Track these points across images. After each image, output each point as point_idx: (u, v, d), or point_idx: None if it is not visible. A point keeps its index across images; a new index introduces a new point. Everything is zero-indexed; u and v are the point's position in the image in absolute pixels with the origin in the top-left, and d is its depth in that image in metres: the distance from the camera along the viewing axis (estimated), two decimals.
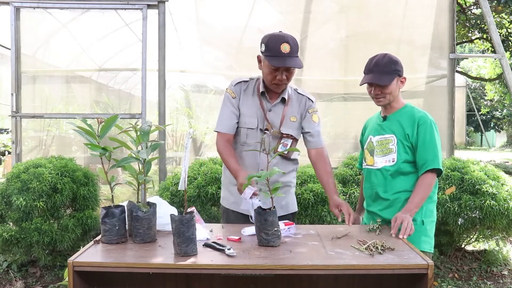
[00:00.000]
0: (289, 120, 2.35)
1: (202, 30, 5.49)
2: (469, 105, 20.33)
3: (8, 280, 3.60)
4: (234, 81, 2.39)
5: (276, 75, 2.21)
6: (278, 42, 2.14)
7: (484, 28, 8.92)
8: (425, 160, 2.16)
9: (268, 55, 2.17)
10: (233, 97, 2.34)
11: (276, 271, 1.61)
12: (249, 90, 2.37)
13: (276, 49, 2.14)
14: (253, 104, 2.34)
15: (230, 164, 2.25)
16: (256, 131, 2.32)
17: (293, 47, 2.17)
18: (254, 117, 2.32)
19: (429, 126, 2.19)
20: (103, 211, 1.86)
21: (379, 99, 2.25)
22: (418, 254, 1.72)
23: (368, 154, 2.37)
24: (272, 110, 2.34)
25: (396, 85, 2.23)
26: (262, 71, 2.28)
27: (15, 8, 4.22)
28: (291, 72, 2.23)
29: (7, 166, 7.67)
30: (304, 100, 2.41)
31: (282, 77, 2.21)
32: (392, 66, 2.21)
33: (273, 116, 2.33)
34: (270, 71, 2.21)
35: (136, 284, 1.96)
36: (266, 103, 2.34)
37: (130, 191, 4.68)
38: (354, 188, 3.73)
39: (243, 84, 2.38)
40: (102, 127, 1.82)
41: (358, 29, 5.19)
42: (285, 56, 2.14)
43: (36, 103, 5.09)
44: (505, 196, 3.56)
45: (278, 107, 2.35)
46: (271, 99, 2.35)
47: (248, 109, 2.33)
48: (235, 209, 2.38)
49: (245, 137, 2.34)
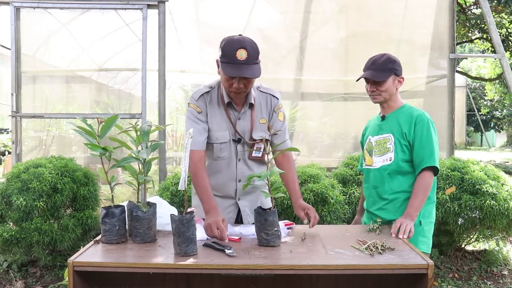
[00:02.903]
0: (259, 123, 2.22)
1: (202, 30, 5.49)
2: (469, 105, 20.33)
3: (8, 280, 3.60)
4: (196, 95, 2.20)
5: (232, 83, 2.03)
6: (234, 48, 1.96)
7: (484, 28, 8.93)
8: (421, 158, 2.18)
9: (223, 62, 2.00)
10: (198, 112, 2.16)
11: (276, 271, 1.61)
12: (213, 101, 2.19)
13: (231, 56, 1.96)
14: (221, 117, 2.19)
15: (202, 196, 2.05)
16: (228, 144, 2.20)
17: (251, 53, 1.97)
18: (224, 130, 2.18)
19: (426, 125, 2.20)
20: (103, 211, 1.86)
21: (375, 96, 2.28)
22: (418, 254, 1.72)
23: (367, 154, 2.38)
24: (240, 118, 2.20)
25: (392, 83, 2.25)
26: (220, 77, 2.12)
27: (15, 8, 4.22)
28: (249, 81, 2.05)
29: (7, 166, 7.67)
30: (269, 98, 2.27)
31: (239, 86, 2.03)
32: (389, 65, 2.23)
33: (243, 124, 2.20)
34: (226, 79, 2.04)
35: (136, 284, 1.96)
36: (233, 112, 2.19)
37: (130, 191, 4.68)
38: (354, 188, 3.73)
39: (206, 96, 2.19)
40: (102, 127, 1.82)
41: (358, 29, 5.19)
42: (241, 64, 1.96)
43: (36, 103, 5.09)
44: (505, 196, 3.56)
45: (246, 113, 2.20)
46: (237, 106, 2.19)
47: (217, 124, 2.18)
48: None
49: (218, 152, 2.20)
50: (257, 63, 2.02)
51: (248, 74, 1.99)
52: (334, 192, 3.51)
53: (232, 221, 2.26)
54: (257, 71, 2.01)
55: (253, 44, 2.02)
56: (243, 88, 2.06)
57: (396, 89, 2.28)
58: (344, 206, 3.55)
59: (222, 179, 2.23)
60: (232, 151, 2.21)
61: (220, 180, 2.24)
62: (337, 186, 3.67)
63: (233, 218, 2.28)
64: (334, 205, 3.41)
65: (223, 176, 2.23)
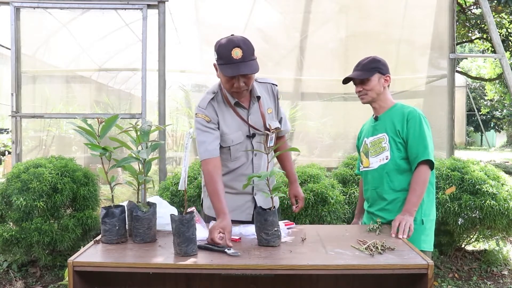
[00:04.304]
0: (268, 113, 2.27)
1: (202, 30, 5.48)
2: (469, 105, 20.33)
3: (8, 280, 3.60)
4: (203, 103, 2.20)
5: (233, 83, 2.06)
6: (228, 48, 1.99)
7: (484, 28, 8.93)
8: (416, 153, 2.19)
9: (220, 64, 2.03)
10: (207, 121, 2.17)
11: (276, 271, 1.61)
12: (221, 105, 2.21)
13: (227, 57, 1.99)
14: (232, 118, 2.21)
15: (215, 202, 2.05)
16: (243, 142, 2.23)
17: (246, 50, 2.00)
18: (237, 130, 2.21)
19: (418, 120, 2.21)
20: (103, 211, 1.86)
21: (362, 96, 2.32)
22: (418, 254, 1.72)
23: (364, 156, 2.40)
24: (251, 114, 2.23)
25: (378, 82, 2.28)
26: (220, 80, 2.16)
27: (15, 8, 4.22)
28: (249, 78, 2.07)
29: (7, 166, 7.67)
30: (270, 87, 2.33)
31: (240, 84, 2.06)
32: (372, 64, 2.28)
33: (254, 118, 2.24)
34: (227, 80, 2.07)
35: (136, 284, 1.96)
36: (242, 110, 2.22)
37: (130, 191, 4.68)
38: (354, 188, 3.73)
39: (212, 102, 2.20)
40: (102, 127, 1.82)
41: (358, 29, 5.19)
42: (238, 62, 1.99)
43: (36, 103, 5.09)
44: (505, 196, 3.56)
45: (254, 108, 2.24)
46: (244, 103, 2.22)
47: (230, 127, 2.21)
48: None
49: (235, 153, 2.23)
50: (254, 59, 2.04)
51: (247, 71, 2.01)
52: (334, 192, 3.51)
53: (250, 217, 2.25)
54: (255, 67, 2.04)
55: (246, 41, 2.03)
56: (245, 86, 2.09)
57: (383, 88, 2.30)
58: (344, 206, 3.55)
59: (238, 175, 2.25)
60: (248, 147, 2.24)
61: (236, 177, 2.26)
62: (337, 186, 3.67)
63: (250, 214, 2.27)
64: (334, 205, 3.41)
65: (240, 173, 2.26)
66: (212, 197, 2.07)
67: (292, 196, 2.45)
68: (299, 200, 2.44)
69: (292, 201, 2.45)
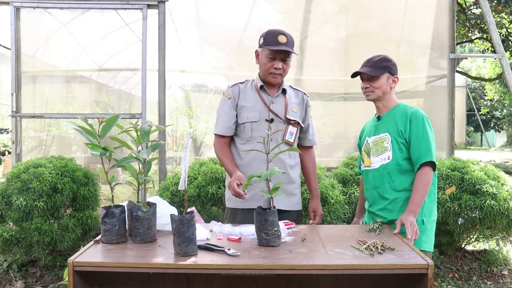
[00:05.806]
0: (292, 111, 2.42)
1: (202, 30, 5.49)
2: (469, 105, 20.34)
3: (8, 280, 3.60)
4: (231, 83, 2.47)
5: (273, 64, 2.31)
6: (276, 34, 2.30)
7: (484, 28, 8.93)
8: (419, 155, 2.19)
9: (266, 45, 2.30)
10: (228, 98, 2.42)
11: (276, 271, 1.61)
12: (247, 88, 2.45)
13: (274, 40, 2.29)
14: (254, 98, 2.40)
15: (226, 165, 2.35)
16: (259, 124, 2.36)
17: (290, 39, 2.31)
18: (255, 110, 2.37)
19: (421, 121, 2.21)
20: (103, 211, 1.86)
21: (368, 93, 2.32)
22: (418, 254, 1.72)
23: (365, 155, 2.39)
24: (274, 102, 2.40)
25: (386, 81, 2.27)
26: (260, 64, 2.39)
27: (15, 8, 4.22)
28: (287, 64, 2.34)
29: (7, 166, 7.66)
30: (301, 94, 2.53)
31: (278, 66, 2.31)
32: (383, 63, 2.27)
33: (276, 106, 2.40)
34: (268, 60, 2.31)
35: (136, 284, 1.96)
36: (266, 96, 2.41)
37: (130, 191, 4.68)
38: (354, 188, 3.73)
39: (240, 84, 2.46)
40: (103, 127, 1.82)
41: (358, 29, 5.19)
42: (283, 44, 2.28)
43: (36, 103, 5.09)
44: (505, 196, 3.56)
45: (279, 98, 2.42)
46: (270, 90, 2.42)
47: (249, 103, 2.39)
48: (244, 207, 2.34)
49: (250, 132, 2.37)
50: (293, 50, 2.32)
51: (290, 49, 2.29)
52: (334, 192, 3.51)
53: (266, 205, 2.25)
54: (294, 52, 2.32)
55: (290, 35, 2.34)
56: (281, 70, 2.33)
57: (390, 88, 2.30)
58: (344, 206, 3.55)
59: (253, 161, 2.33)
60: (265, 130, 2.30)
61: (252, 163, 2.34)
62: (337, 186, 3.67)
63: (266, 202, 2.29)
64: (334, 205, 3.41)
65: (255, 158, 2.33)
66: (223, 162, 2.36)
67: (311, 211, 2.58)
68: (317, 216, 2.56)
69: (311, 216, 2.58)
